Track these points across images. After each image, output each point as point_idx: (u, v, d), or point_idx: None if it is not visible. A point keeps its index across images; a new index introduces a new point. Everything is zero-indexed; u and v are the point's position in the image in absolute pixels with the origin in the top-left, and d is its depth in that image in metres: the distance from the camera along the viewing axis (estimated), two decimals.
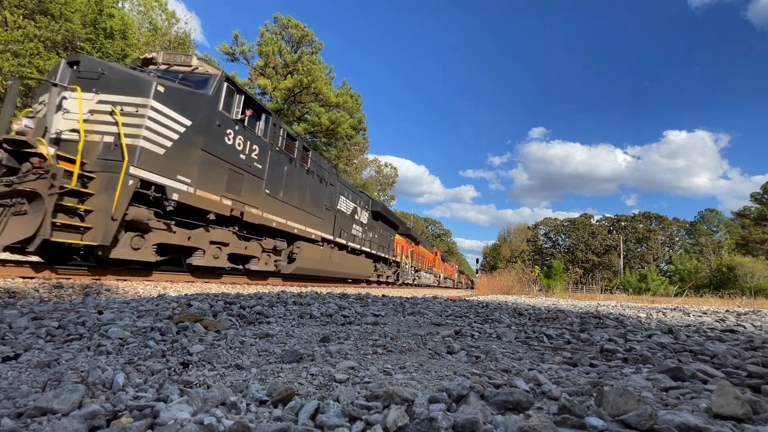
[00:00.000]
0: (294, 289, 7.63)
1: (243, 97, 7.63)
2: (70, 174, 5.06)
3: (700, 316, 5.72)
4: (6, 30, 14.35)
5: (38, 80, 5.73)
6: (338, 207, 12.79)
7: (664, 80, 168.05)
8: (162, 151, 5.99)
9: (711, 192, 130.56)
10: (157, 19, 24.95)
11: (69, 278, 5.07)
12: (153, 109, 5.80)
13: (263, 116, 8.46)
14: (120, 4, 21.22)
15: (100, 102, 5.59)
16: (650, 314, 5.83)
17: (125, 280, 5.67)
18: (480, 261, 75.59)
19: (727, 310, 7.80)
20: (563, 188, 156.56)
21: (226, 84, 7.13)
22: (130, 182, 5.52)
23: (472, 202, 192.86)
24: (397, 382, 1.42)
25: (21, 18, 14.83)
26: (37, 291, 3.95)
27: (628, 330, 3.22)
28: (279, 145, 9.05)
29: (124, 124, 5.54)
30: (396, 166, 55.13)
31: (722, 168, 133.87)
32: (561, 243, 76.74)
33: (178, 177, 6.32)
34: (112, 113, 5.57)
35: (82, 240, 5.23)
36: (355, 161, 38.03)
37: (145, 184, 5.77)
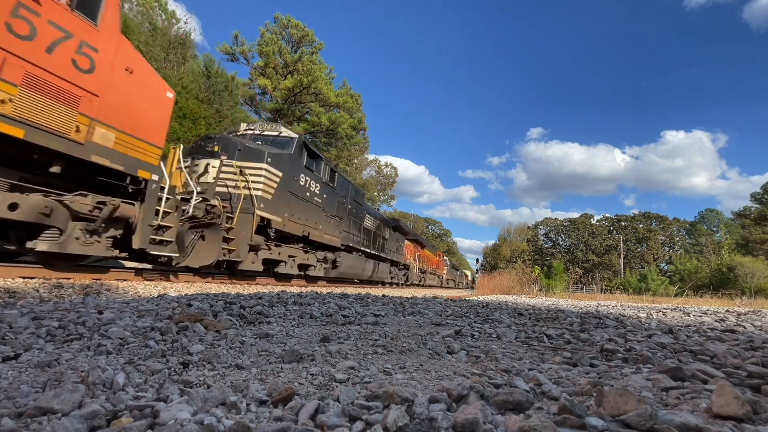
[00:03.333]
0: (294, 289, 7.65)
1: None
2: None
3: (700, 316, 5.72)
4: None
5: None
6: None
7: (661, 81, 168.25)
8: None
9: (709, 192, 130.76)
10: (157, 19, 24.95)
11: (69, 278, 5.07)
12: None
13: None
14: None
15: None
16: (650, 314, 5.83)
17: (125, 280, 5.67)
18: (480, 261, 75.48)
19: (727, 310, 7.80)
20: (562, 188, 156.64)
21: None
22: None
23: (471, 202, 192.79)
24: (397, 382, 1.42)
25: None
26: (37, 291, 3.95)
27: (628, 330, 3.22)
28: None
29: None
30: (396, 166, 55.05)
31: (720, 168, 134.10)
32: (561, 243, 76.73)
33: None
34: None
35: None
36: (355, 161, 38.01)
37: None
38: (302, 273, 11.42)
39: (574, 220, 75.55)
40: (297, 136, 10.32)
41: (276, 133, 10.31)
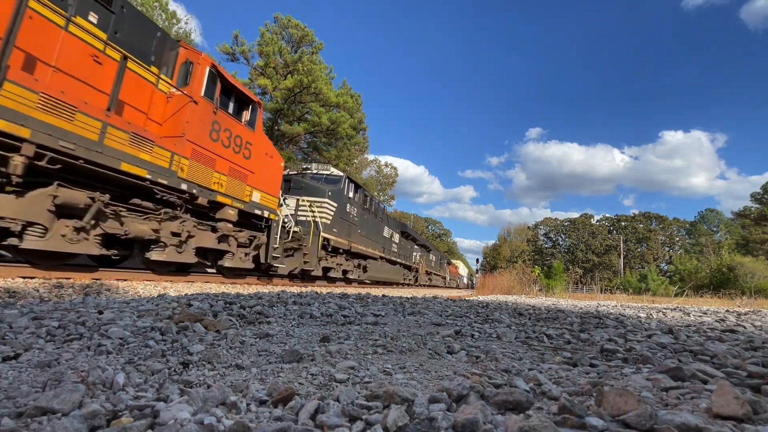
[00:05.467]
0: (294, 289, 7.65)
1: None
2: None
3: (700, 316, 5.71)
4: None
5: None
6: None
7: (659, 81, 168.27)
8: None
9: (708, 192, 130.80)
10: (157, 19, 24.95)
11: (69, 278, 5.07)
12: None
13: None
14: None
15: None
16: (650, 314, 5.83)
17: (125, 280, 5.67)
18: (480, 261, 74.72)
19: (727, 310, 7.79)
20: (561, 188, 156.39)
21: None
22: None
23: (471, 202, 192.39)
24: (397, 382, 1.42)
25: None
26: (38, 291, 3.95)
27: (628, 330, 3.22)
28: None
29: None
30: (396, 166, 54.91)
31: (719, 168, 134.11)
32: (561, 243, 76.72)
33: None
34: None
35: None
36: (355, 161, 38.01)
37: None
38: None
39: (574, 220, 75.55)
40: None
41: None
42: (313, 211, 11.45)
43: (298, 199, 11.42)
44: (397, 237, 21.35)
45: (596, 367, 1.81)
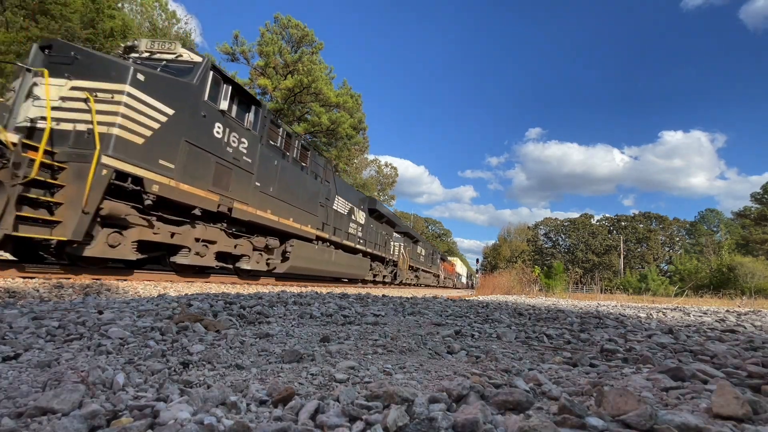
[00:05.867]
0: (294, 289, 7.65)
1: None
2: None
3: (700, 316, 5.71)
4: (8, 31, 14.41)
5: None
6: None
7: (658, 81, 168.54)
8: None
9: (708, 192, 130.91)
10: (157, 19, 24.98)
11: (69, 278, 5.07)
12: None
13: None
14: (120, 4, 21.25)
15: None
16: (650, 314, 5.83)
17: (125, 280, 5.67)
18: (480, 261, 74.43)
19: (727, 310, 7.79)
20: (561, 188, 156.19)
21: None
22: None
23: (470, 202, 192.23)
24: (397, 382, 1.42)
25: (23, 19, 14.91)
26: (37, 291, 3.95)
27: (628, 330, 3.22)
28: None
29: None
30: (396, 166, 55.00)
31: (719, 168, 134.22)
32: (561, 243, 76.72)
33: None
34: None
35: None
36: (355, 161, 38.05)
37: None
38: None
39: (574, 220, 75.57)
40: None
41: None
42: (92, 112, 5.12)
43: (36, 74, 5.07)
44: (361, 216, 14.64)
45: (596, 367, 1.81)
